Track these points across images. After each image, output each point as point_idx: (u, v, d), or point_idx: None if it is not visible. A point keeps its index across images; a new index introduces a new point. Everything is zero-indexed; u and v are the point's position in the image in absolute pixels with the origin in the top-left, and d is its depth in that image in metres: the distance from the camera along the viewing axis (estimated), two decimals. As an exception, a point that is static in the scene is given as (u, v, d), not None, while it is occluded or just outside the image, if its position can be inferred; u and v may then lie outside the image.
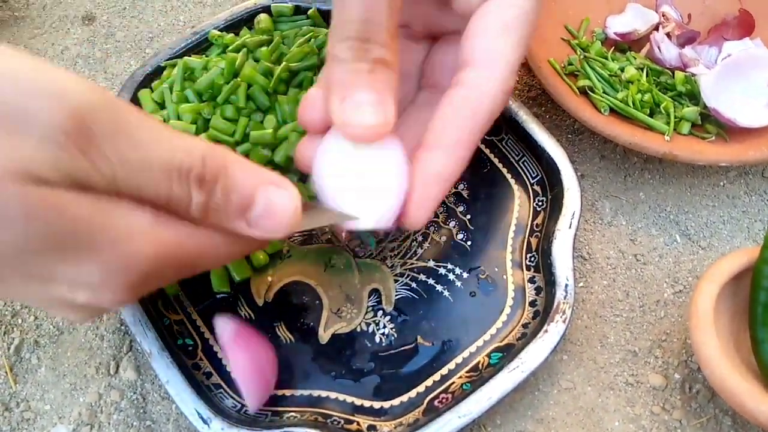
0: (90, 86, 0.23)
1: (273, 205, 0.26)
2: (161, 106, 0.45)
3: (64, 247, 0.22)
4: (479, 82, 0.31)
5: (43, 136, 0.21)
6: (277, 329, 0.40)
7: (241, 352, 0.35)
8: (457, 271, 0.41)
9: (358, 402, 0.37)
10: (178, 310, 0.40)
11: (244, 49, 0.46)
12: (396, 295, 0.41)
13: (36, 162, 0.21)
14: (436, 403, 0.37)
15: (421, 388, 0.37)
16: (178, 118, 0.43)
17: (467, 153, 0.31)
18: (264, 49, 0.46)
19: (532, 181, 0.44)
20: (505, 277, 0.41)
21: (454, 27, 0.36)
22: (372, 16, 0.29)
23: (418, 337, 0.39)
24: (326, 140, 0.31)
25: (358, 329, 0.40)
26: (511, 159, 0.45)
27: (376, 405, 0.37)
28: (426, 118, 0.33)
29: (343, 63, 0.30)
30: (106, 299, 0.25)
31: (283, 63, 0.45)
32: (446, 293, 0.41)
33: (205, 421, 0.34)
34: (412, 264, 0.42)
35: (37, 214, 0.21)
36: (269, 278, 0.41)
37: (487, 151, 0.46)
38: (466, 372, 0.38)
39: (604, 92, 0.47)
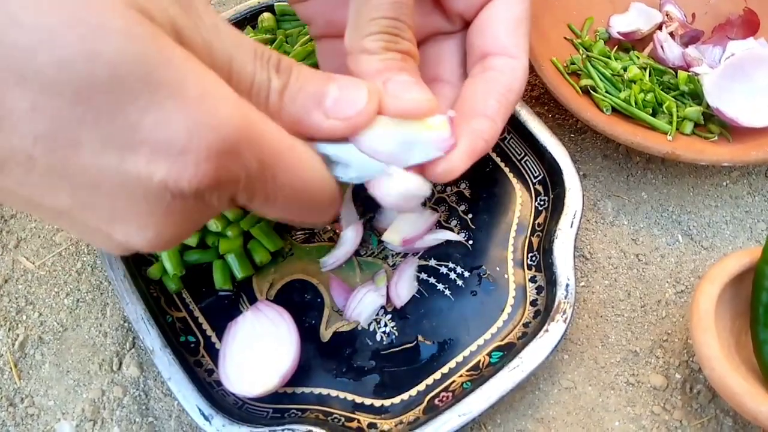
0: None
1: (347, 92, 0.27)
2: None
3: (153, 86, 0.21)
4: (510, 66, 0.35)
5: None
6: (278, 327, 0.40)
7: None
8: (459, 270, 0.41)
9: (358, 400, 0.37)
10: (181, 308, 0.41)
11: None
12: (397, 294, 0.41)
13: None
14: (436, 401, 0.37)
15: (421, 387, 0.38)
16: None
17: (503, 124, 0.34)
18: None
19: (534, 181, 0.44)
20: (506, 276, 0.41)
21: (438, 29, 0.38)
22: (399, 15, 0.31)
23: (419, 335, 0.39)
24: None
25: (360, 327, 0.40)
26: (514, 158, 0.45)
27: (377, 403, 0.37)
28: None
29: (375, 55, 0.31)
30: (188, 173, 0.22)
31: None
32: (447, 292, 0.41)
33: (206, 418, 0.35)
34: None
35: (136, 36, 0.20)
36: (271, 276, 0.42)
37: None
38: (467, 371, 0.38)
39: (606, 92, 0.47)
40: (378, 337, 0.39)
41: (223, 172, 0.23)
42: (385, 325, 0.40)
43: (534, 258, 0.41)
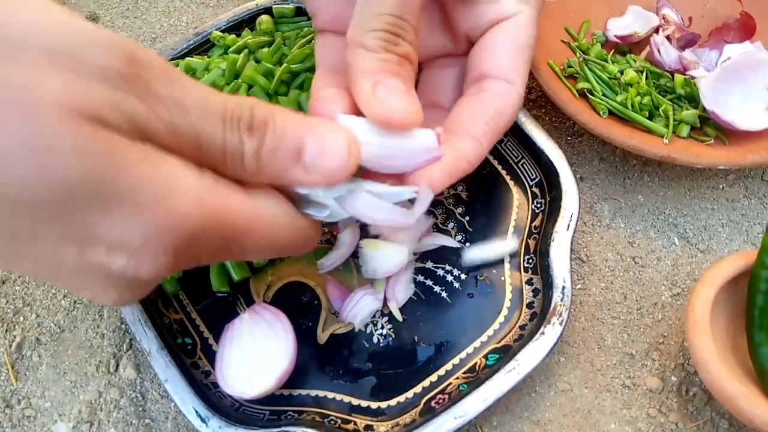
0: (137, 42, 0.23)
1: (326, 145, 0.26)
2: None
3: (108, 196, 0.21)
4: (506, 91, 0.35)
5: (101, 76, 0.21)
6: (275, 329, 0.40)
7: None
8: (455, 272, 0.41)
9: (355, 402, 0.38)
10: (178, 310, 0.41)
11: (246, 50, 0.46)
12: (394, 296, 0.41)
13: (95, 100, 0.21)
14: (432, 403, 0.37)
15: (418, 389, 0.38)
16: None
17: (489, 147, 0.34)
18: (265, 50, 0.46)
19: (531, 183, 0.44)
20: (503, 278, 0.41)
21: (443, 50, 0.38)
22: (404, 14, 0.30)
23: (416, 338, 0.39)
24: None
25: (356, 330, 0.40)
26: (511, 161, 0.45)
27: (374, 405, 0.37)
28: None
29: (372, 52, 0.30)
30: (145, 266, 0.23)
31: (284, 64, 0.45)
32: (444, 294, 0.41)
33: (203, 420, 0.35)
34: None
35: (86, 152, 0.20)
36: (268, 278, 0.42)
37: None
38: (463, 373, 0.38)
39: (603, 95, 0.47)
40: (375, 340, 0.40)
41: (182, 259, 0.24)
42: (382, 328, 0.40)
43: (530, 260, 0.41)
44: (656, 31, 0.51)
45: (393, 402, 0.37)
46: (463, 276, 0.41)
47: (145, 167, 0.22)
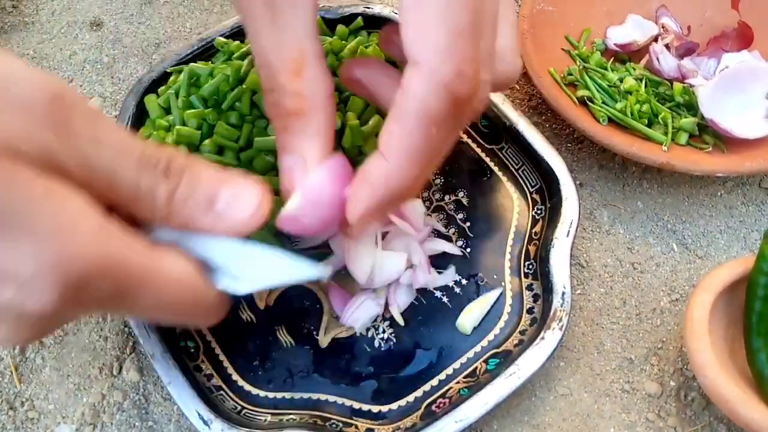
0: (69, 87, 0.23)
1: (239, 197, 0.27)
2: (167, 111, 0.46)
3: (4, 223, 0.21)
4: (408, 80, 0.26)
5: (22, 109, 0.22)
6: (277, 333, 0.40)
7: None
8: (456, 277, 0.42)
9: (356, 405, 0.38)
10: (181, 313, 0.41)
11: (249, 57, 0.47)
12: (395, 301, 0.41)
13: (8, 130, 0.21)
14: (433, 407, 0.37)
15: (418, 393, 0.38)
16: (183, 123, 0.44)
17: (400, 160, 0.27)
18: (268, 56, 0.47)
19: (531, 190, 0.45)
20: (503, 284, 0.41)
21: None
22: (266, 61, 0.28)
23: (417, 342, 0.40)
24: None
25: (358, 334, 0.40)
26: (511, 168, 0.46)
27: (375, 409, 0.38)
28: None
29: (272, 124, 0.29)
30: (32, 300, 0.22)
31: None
32: (445, 299, 0.41)
33: (205, 423, 0.35)
34: (412, 270, 0.42)
35: None
36: (271, 282, 0.42)
37: (487, 159, 0.46)
38: (464, 377, 0.38)
39: (603, 102, 0.47)
40: (376, 344, 0.40)
41: (70, 299, 0.23)
42: (383, 332, 0.40)
43: (531, 266, 0.42)
44: (655, 39, 0.52)
45: (394, 406, 0.38)
46: (463, 281, 0.42)
47: (48, 201, 0.22)
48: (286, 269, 0.29)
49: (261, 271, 0.29)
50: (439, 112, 0.26)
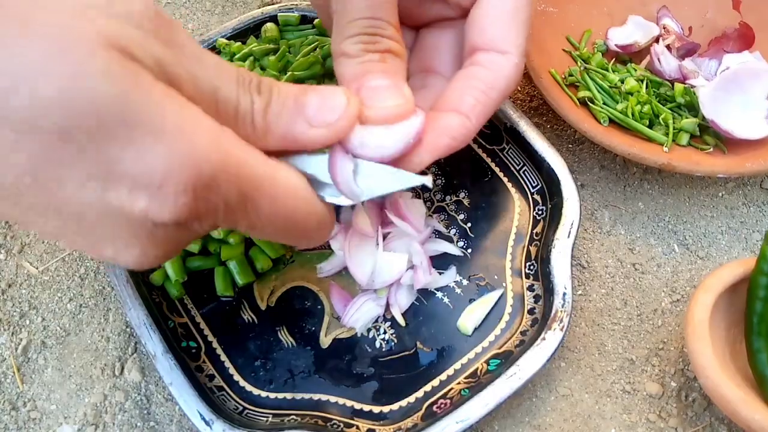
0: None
1: (326, 99, 0.28)
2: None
3: (132, 124, 0.21)
4: (497, 63, 0.34)
5: (132, 20, 0.22)
6: (279, 333, 0.40)
7: None
8: (457, 278, 0.42)
9: (357, 406, 0.38)
10: (183, 314, 0.41)
11: (251, 58, 0.47)
12: (397, 301, 0.41)
13: (126, 38, 0.22)
14: (434, 408, 0.37)
15: (420, 394, 0.38)
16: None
17: (479, 122, 0.33)
18: (270, 57, 0.47)
19: (532, 191, 0.45)
20: (504, 284, 0.42)
21: (439, 15, 0.38)
22: (376, 13, 0.31)
23: (418, 342, 0.40)
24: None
25: (359, 334, 0.40)
26: (512, 168, 0.46)
27: (376, 409, 0.38)
28: (422, 100, 0.34)
29: (353, 58, 0.31)
30: (166, 206, 0.22)
31: (289, 72, 0.45)
32: (446, 300, 0.41)
33: (207, 423, 0.35)
34: (413, 270, 0.42)
35: (115, 75, 0.21)
36: (272, 283, 0.42)
37: (488, 160, 0.46)
38: (465, 378, 0.38)
39: (604, 103, 0.47)
40: (377, 344, 0.40)
41: (202, 204, 0.23)
42: (384, 333, 0.40)
43: (532, 267, 0.42)
44: (656, 40, 0.52)
45: (395, 406, 0.38)
46: (464, 282, 0.42)
47: (170, 103, 0.22)
48: (389, 178, 0.30)
49: (364, 182, 0.29)
50: (513, 89, 0.35)
